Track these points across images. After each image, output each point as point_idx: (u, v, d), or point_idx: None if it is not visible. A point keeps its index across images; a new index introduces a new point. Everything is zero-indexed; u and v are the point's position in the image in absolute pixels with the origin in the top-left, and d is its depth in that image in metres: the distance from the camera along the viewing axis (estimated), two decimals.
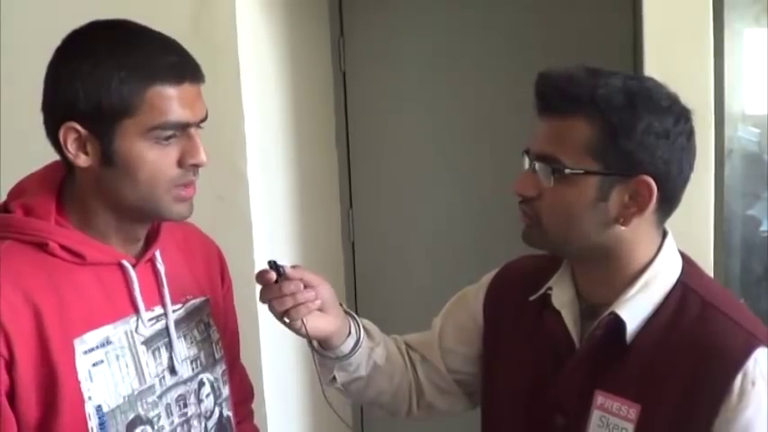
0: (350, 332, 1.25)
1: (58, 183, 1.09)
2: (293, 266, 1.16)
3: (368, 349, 1.28)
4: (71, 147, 1.03)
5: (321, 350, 1.25)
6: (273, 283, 1.14)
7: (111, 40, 1.05)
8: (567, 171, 1.08)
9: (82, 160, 1.04)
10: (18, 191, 1.10)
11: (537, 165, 1.12)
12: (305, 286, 1.16)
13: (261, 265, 1.94)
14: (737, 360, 1.05)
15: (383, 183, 2.59)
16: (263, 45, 2.09)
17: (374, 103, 2.55)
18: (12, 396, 0.99)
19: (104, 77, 1.01)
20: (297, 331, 1.17)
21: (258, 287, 1.18)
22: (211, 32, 1.85)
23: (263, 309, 1.18)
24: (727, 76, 1.86)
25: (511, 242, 1.34)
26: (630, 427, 1.10)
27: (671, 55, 1.72)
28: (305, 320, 1.16)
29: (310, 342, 1.22)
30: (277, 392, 2.01)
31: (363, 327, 1.29)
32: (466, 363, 1.35)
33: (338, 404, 1.30)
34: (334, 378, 1.28)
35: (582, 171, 1.08)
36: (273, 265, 1.14)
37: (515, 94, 2.39)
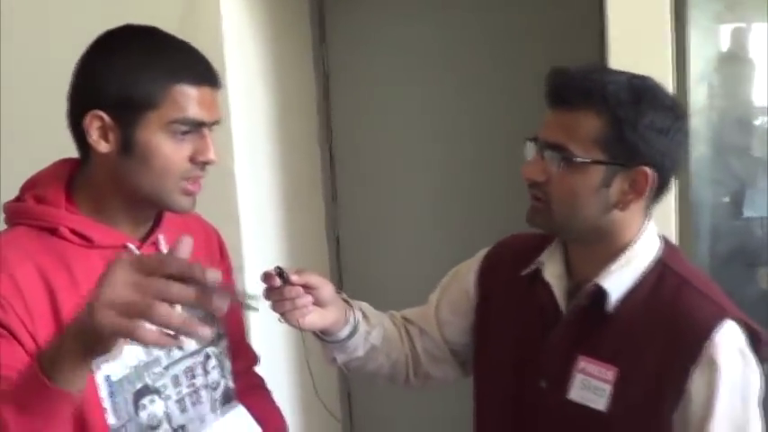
0: (347, 320, 1.35)
1: (68, 176, 1.18)
2: (297, 270, 1.25)
3: (364, 333, 1.38)
4: (94, 133, 1.12)
5: (321, 336, 1.35)
6: (276, 288, 1.23)
7: (146, 41, 1.15)
8: (577, 159, 1.18)
9: (102, 147, 1.12)
10: (30, 184, 1.19)
11: (546, 152, 1.21)
12: (308, 287, 1.25)
13: (249, 259, 2.03)
14: (708, 329, 1.16)
15: (366, 178, 2.67)
16: (248, 47, 2.15)
17: (356, 102, 2.63)
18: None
19: (137, 72, 1.11)
20: (294, 326, 1.27)
21: (249, 281, 1.25)
22: (197, 34, 1.88)
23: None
24: (693, 71, 1.93)
25: (493, 234, 1.43)
26: (608, 387, 1.21)
27: (633, 51, 1.80)
28: (301, 319, 1.26)
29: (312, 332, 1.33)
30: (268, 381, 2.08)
31: (362, 312, 1.39)
32: (460, 333, 1.44)
33: (328, 397, 1.38)
34: (335, 358, 1.39)
35: (590, 160, 1.18)
36: (279, 271, 1.23)
37: (494, 89, 2.49)
